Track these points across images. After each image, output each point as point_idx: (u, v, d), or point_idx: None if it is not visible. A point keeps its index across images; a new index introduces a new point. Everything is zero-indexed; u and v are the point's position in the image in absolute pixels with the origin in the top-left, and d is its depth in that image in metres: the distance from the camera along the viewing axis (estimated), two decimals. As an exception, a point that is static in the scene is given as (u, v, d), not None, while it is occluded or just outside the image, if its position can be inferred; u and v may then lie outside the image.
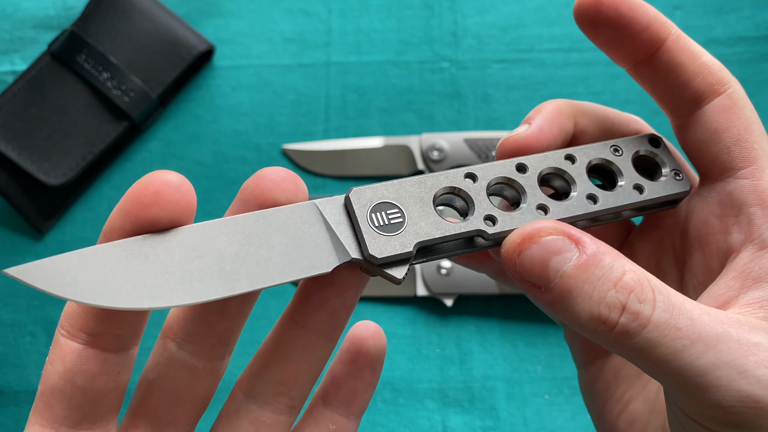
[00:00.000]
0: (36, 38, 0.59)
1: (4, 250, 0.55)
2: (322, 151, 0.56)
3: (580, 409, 0.51)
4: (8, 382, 0.53)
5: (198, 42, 0.56)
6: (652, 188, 0.24)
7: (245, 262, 0.19)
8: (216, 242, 0.19)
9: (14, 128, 0.54)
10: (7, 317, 0.54)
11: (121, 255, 0.19)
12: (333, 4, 0.59)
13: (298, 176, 0.21)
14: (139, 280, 0.18)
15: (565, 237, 0.19)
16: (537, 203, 0.22)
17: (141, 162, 0.57)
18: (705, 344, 0.18)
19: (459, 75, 0.57)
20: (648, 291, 0.19)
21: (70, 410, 0.20)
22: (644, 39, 0.23)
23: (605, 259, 0.19)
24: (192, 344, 0.22)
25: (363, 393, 0.25)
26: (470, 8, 0.59)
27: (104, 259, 0.18)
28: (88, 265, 0.18)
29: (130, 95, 0.55)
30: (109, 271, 0.18)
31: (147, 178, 0.19)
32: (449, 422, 0.51)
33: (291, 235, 0.20)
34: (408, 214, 0.21)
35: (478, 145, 0.54)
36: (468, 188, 0.22)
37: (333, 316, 0.23)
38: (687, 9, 0.58)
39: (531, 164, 0.23)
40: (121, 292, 0.18)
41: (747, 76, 0.56)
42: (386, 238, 0.20)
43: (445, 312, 0.53)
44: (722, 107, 0.23)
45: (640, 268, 0.20)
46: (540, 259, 0.19)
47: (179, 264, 0.19)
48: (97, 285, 0.18)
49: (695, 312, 0.19)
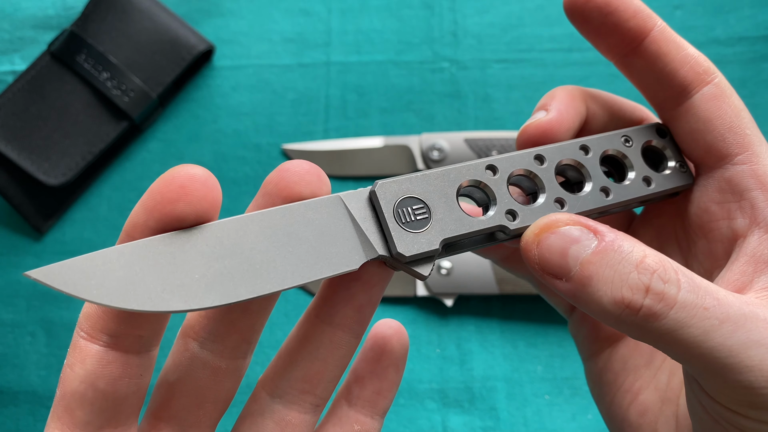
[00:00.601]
0: (36, 38, 0.59)
1: (4, 250, 0.55)
2: (322, 151, 0.56)
3: (580, 409, 0.51)
4: (8, 382, 0.53)
5: (198, 42, 0.56)
6: (659, 180, 0.24)
7: (274, 260, 0.19)
8: (244, 239, 0.19)
9: (14, 128, 0.54)
10: (7, 317, 0.54)
11: (147, 255, 0.18)
12: (333, 4, 0.59)
13: (321, 169, 0.21)
14: (168, 282, 0.18)
15: (582, 227, 0.19)
16: (555, 197, 0.22)
17: (141, 162, 0.57)
18: (734, 323, 0.18)
19: (459, 75, 0.57)
20: (671, 272, 0.19)
21: (92, 415, 0.20)
22: (631, 27, 0.24)
23: (624, 245, 0.19)
24: (214, 343, 0.22)
25: (387, 392, 0.25)
26: (470, 8, 0.59)
27: (131, 260, 0.18)
28: (114, 266, 0.17)
29: (129, 95, 0.55)
30: (136, 272, 0.17)
31: (171, 172, 0.19)
32: (449, 422, 0.51)
33: (317, 230, 0.20)
34: (433, 210, 0.21)
35: (478, 145, 0.54)
36: (489, 181, 0.22)
37: (359, 312, 0.22)
38: (687, 9, 0.58)
39: (548, 155, 0.23)
40: (150, 295, 0.17)
41: (747, 76, 0.56)
42: (413, 235, 0.20)
43: (445, 312, 0.53)
44: (712, 95, 0.23)
45: (659, 253, 0.19)
46: (559, 248, 0.19)
47: (208, 263, 0.18)
48: (125, 287, 0.17)
49: (720, 293, 0.19)
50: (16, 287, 0.55)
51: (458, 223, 0.21)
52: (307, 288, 0.50)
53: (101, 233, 0.55)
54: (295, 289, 0.53)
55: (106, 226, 0.56)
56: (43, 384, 0.53)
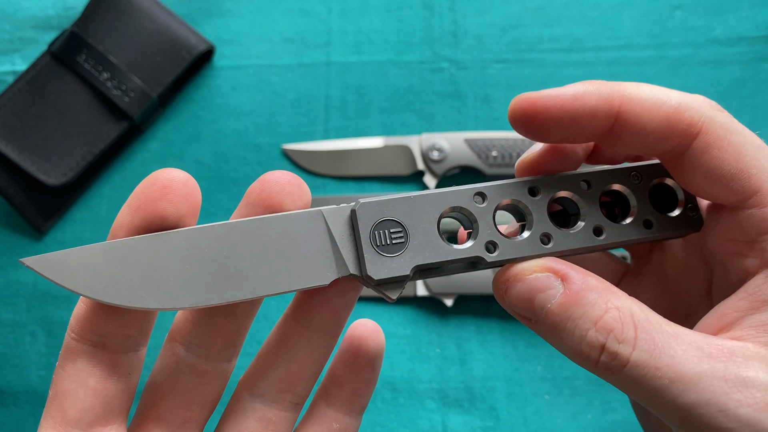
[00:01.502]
0: (36, 38, 0.59)
1: (4, 250, 0.55)
2: (322, 151, 0.56)
3: (580, 409, 0.51)
4: (8, 382, 0.53)
5: (198, 42, 0.56)
6: (662, 223, 0.23)
7: (248, 269, 0.20)
8: (222, 246, 0.20)
9: (14, 128, 0.54)
10: (7, 317, 0.54)
11: (130, 254, 0.19)
12: (333, 4, 0.59)
13: (302, 179, 0.21)
14: (146, 281, 0.19)
15: (550, 274, 0.20)
16: (541, 232, 0.22)
17: (141, 162, 0.57)
18: (685, 383, 0.18)
19: (459, 75, 0.57)
20: (629, 330, 0.19)
21: (83, 412, 0.20)
22: (597, 124, 0.21)
23: (589, 297, 0.19)
24: (200, 347, 0.22)
25: (364, 390, 0.25)
26: (470, 8, 0.59)
27: (115, 257, 0.19)
28: (99, 261, 0.18)
29: (130, 95, 0.55)
30: (118, 269, 0.19)
31: (154, 174, 0.20)
32: (449, 422, 0.51)
33: (295, 243, 0.20)
34: (411, 234, 0.21)
35: (478, 145, 0.54)
36: (475, 209, 0.21)
37: (335, 315, 0.23)
38: (687, 9, 0.58)
39: (543, 187, 0.22)
40: (128, 292, 0.18)
41: (747, 76, 0.56)
42: (386, 258, 0.20)
43: (445, 312, 0.53)
44: (704, 148, 0.21)
45: (627, 302, 0.19)
46: (526, 297, 0.20)
47: (185, 266, 0.19)
48: (105, 282, 0.18)
49: (680, 349, 0.19)
50: (16, 287, 0.55)
51: (434, 251, 0.21)
52: None
53: (101, 233, 0.55)
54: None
55: (106, 226, 0.56)
56: (43, 384, 0.53)
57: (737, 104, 0.56)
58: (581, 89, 0.21)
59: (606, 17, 0.58)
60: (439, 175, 0.55)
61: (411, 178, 0.56)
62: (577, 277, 0.20)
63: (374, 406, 0.51)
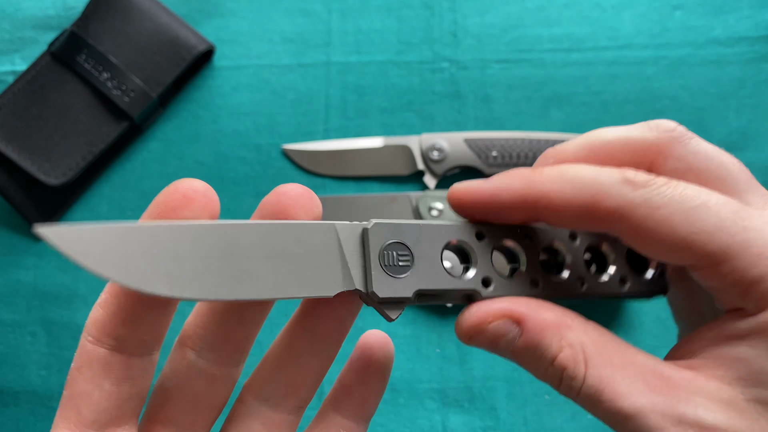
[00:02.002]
0: (36, 38, 0.59)
1: (4, 250, 0.55)
2: (322, 151, 0.56)
3: (579, 409, 0.51)
4: (8, 382, 0.53)
5: (198, 42, 0.56)
6: (635, 283, 0.24)
7: (260, 270, 0.20)
8: (239, 244, 0.20)
9: (14, 128, 0.54)
10: (8, 317, 0.54)
11: (148, 238, 0.19)
12: (333, 4, 0.59)
13: (314, 193, 0.22)
14: (160, 267, 0.19)
15: (507, 319, 0.21)
16: (531, 278, 0.23)
17: (141, 162, 0.57)
18: (624, 416, 0.20)
19: (459, 75, 0.58)
20: (580, 367, 0.20)
21: (98, 414, 0.21)
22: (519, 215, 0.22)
23: (544, 338, 0.21)
24: (210, 352, 0.23)
25: (373, 399, 0.26)
26: (470, 8, 0.59)
27: (132, 239, 0.19)
28: (116, 241, 0.18)
29: (130, 95, 0.55)
30: (134, 251, 0.18)
31: (174, 184, 0.20)
32: (449, 422, 0.51)
33: (306, 252, 0.21)
34: (416, 259, 0.22)
35: (478, 145, 0.54)
36: (475, 245, 0.23)
37: (340, 322, 0.23)
38: (687, 9, 0.58)
39: (537, 235, 0.23)
40: (140, 275, 0.18)
41: (747, 76, 0.56)
42: (391, 278, 0.21)
43: (445, 312, 0.53)
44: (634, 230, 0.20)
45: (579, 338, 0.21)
46: (488, 342, 0.21)
47: (200, 259, 0.19)
48: (120, 263, 0.18)
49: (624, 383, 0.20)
50: (16, 287, 0.55)
51: (435, 279, 0.22)
52: None
53: (101, 233, 0.55)
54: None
55: (106, 226, 0.56)
56: (43, 384, 0.53)
57: (737, 104, 0.56)
58: (496, 185, 0.22)
59: (606, 17, 0.58)
60: (439, 175, 0.55)
61: (411, 178, 0.56)
62: (532, 317, 0.21)
63: (374, 406, 0.52)
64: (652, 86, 0.57)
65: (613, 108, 0.56)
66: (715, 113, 0.56)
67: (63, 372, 0.53)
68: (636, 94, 0.56)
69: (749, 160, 0.55)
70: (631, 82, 0.57)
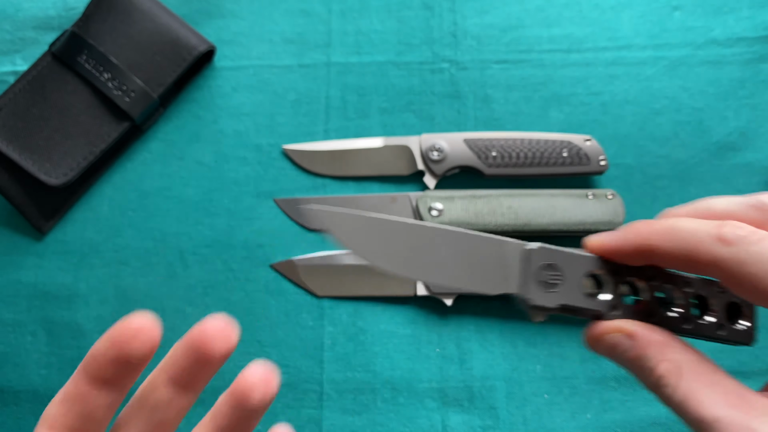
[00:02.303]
0: (37, 39, 0.59)
1: (5, 250, 0.55)
2: (322, 152, 0.56)
3: (579, 409, 0.51)
4: (9, 382, 0.53)
5: (199, 42, 0.56)
6: (729, 332, 0.28)
7: (447, 263, 0.27)
8: (434, 242, 0.27)
9: (15, 128, 0.54)
10: (8, 317, 0.54)
11: (386, 229, 0.26)
12: (333, 4, 0.59)
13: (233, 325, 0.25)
14: (407, 258, 0.26)
15: (623, 334, 0.26)
16: (648, 309, 0.27)
17: (142, 162, 0.57)
18: (704, 423, 0.23)
19: (459, 75, 0.58)
20: (674, 379, 0.24)
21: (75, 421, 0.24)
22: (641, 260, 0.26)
23: (649, 352, 0.25)
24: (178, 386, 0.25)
25: None
26: (470, 9, 0.59)
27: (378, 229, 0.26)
28: (366, 230, 0.25)
29: (131, 96, 0.55)
30: (382, 241, 0.26)
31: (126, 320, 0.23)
32: (449, 422, 0.51)
33: (479, 257, 0.27)
34: (565, 280, 0.27)
35: (477, 146, 0.54)
36: (608, 278, 0.27)
37: None
38: (686, 10, 0.58)
39: (658, 275, 0.27)
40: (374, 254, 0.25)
41: (746, 76, 0.56)
42: (543, 291, 0.27)
43: (445, 311, 0.53)
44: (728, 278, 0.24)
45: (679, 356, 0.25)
46: (607, 351, 0.26)
47: (409, 248, 0.26)
48: (375, 251, 0.26)
49: (708, 397, 0.23)
50: (16, 287, 0.55)
51: (576, 297, 0.27)
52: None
53: (102, 233, 0.56)
54: (294, 288, 0.53)
55: (107, 226, 0.56)
56: (43, 383, 0.53)
57: (736, 104, 0.56)
58: (620, 240, 0.27)
59: (605, 18, 0.58)
60: (438, 175, 0.55)
61: (411, 178, 0.56)
62: (642, 335, 0.25)
63: (374, 406, 0.52)
64: (651, 86, 0.57)
65: (612, 108, 0.56)
66: (714, 113, 0.56)
67: (63, 371, 0.53)
68: (635, 95, 0.56)
69: (748, 160, 0.55)
70: (631, 82, 0.57)
